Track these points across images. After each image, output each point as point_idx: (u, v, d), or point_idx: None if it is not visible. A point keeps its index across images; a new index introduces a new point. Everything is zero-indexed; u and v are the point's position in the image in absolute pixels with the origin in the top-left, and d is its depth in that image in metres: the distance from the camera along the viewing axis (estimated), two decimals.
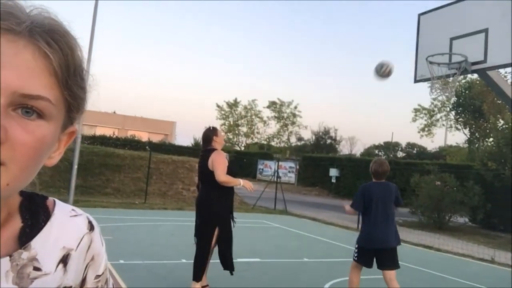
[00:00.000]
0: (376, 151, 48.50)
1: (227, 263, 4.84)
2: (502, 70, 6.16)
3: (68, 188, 12.44)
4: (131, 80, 74.30)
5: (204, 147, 4.87)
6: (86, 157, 14.61)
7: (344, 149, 46.61)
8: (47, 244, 0.61)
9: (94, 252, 0.69)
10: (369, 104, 73.71)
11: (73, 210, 0.69)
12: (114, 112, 44.29)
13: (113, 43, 69.23)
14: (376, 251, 4.64)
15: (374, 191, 4.69)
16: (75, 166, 12.26)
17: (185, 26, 74.54)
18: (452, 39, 5.74)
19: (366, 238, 4.68)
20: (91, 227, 0.69)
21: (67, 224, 0.66)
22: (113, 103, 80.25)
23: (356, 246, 4.81)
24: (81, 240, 0.66)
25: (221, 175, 4.58)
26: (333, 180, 26.96)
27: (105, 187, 14.92)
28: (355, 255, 4.80)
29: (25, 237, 0.60)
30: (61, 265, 0.62)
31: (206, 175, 4.70)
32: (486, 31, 5.33)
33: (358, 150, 49.57)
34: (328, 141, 44.19)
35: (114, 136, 30.30)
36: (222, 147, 4.91)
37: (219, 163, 4.62)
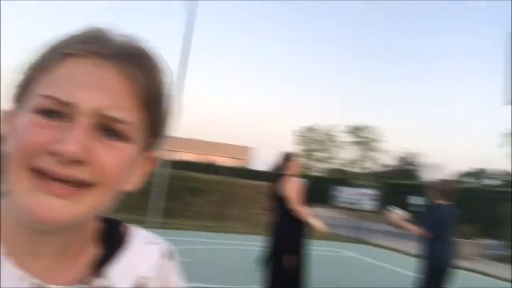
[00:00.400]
0: (465, 179, 45.06)
1: None
2: None
3: (151, 210, 13.11)
4: (211, 107, 77.41)
5: (278, 172, 4.87)
6: (168, 181, 15.36)
7: (429, 175, 43.91)
8: (123, 272, 0.60)
9: (170, 282, 0.66)
10: (455, 128, 69.13)
11: (149, 237, 0.67)
12: (195, 138, 46.33)
13: (200, 68, 72.94)
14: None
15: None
16: (158, 190, 12.94)
17: (256, 47, 76.55)
18: None
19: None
20: (168, 256, 0.67)
21: (143, 251, 0.64)
22: (193, 128, 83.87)
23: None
24: (157, 269, 0.64)
25: (294, 203, 4.56)
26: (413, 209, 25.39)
27: (185, 209, 15.51)
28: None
29: (101, 265, 0.59)
30: None
31: (278, 200, 4.70)
32: None
33: (445, 177, 46.28)
34: (412, 167, 41.99)
35: (195, 161, 31.63)
36: (296, 173, 4.88)
37: (292, 191, 4.59)
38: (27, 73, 0.55)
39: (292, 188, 4.61)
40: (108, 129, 0.52)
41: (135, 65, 0.54)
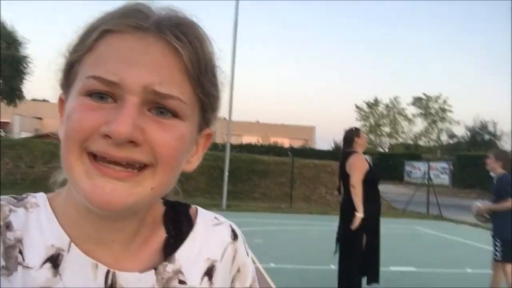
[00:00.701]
0: None
1: (372, 275, 4.54)
2: None
3: (220, 194, 13.44)
4: (271, 88, 77.49)
5: (344, 148, 4.63)
6: (235, 165, 15.62)
7: (506, 145, 40.84)
8: (191, 255, 0.59)
9: (239, 263, 0.64)
10: None
11: (215, 218, 0.65)
12: (257, 121, 46.69)
13: (250, 53, 73.23)
14: None
15: None
16: (226, 173, 13.19)
17: (318, 24, 74.87)
18: None
19: None
20: (235, 236, 0.65)
21: (210, 233, 0.62)
22: (256, 112, 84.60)
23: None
24: (225, 250, 0.62)
25: (356, 181, 4.32)
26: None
27: (253, 192, 15.73)
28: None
29: (169, 249, 0.58)
30: (206, 278, 0.59)
31: (345, 178, 4.50)
32: None
33: None
34: (487, 136, 39.25)
35: (259, 144, 31.93)
36: (364, 150, 4.65)
37: (356, 168, 4.36)
38: (69, 56, 0.53)
39: (355, 166, 4.38)
40: (159, 106, 0.49)
41: (180, 37, 0.51)
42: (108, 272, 0.53)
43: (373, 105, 47.30)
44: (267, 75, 77.58)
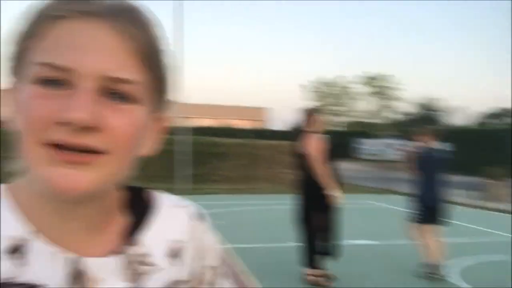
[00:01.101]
0: (491, 120, 44.03)
1: (334, 249, 4.67)
2: None
3: (179, 178, 13.28)
4: (223, 69, 76.88)
5: (303, 128, 4.64)
6: (194, 148, 15.47)
7: (456, 120, 42.94)
8: (157, 237, 0.59)
9: (205, 242, 0.65)
10: (478, 67, 67.02)
11: (176, 200, 0.66)
12: (211, 104, 46.23)
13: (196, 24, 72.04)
14: None
15: None
16: (183, 157, 13.03)
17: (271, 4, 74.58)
18: None
19: None
20: (199, 217, 0.66)
21: (174, 215, 0.63)
22: (208, 93, 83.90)
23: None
24: (190, 231, 0.63)
25: (317, 162, 4.38)
26: (446, 155, 25.06)
27: (213, 174, 15.68)
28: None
29: (133, 232, 0.58)
30: (173, 259, 0.60)
31: (302, 158, 4.53)
32: None
33: (469, 121, 45.48)
34: (436, 113, 41.15)
35: (214, 126, 31.75)
36: (319, 129, 4.66)
37: (314, 148, 4.41)
38: (18, 43, 0.52)
39: (315, 145, 4.43)
40: (113, 91, 0.49)
41: (131, 21, 0.51)
42: (74, 259, 0.53)
43: (324, 84, 48.16)
44: (219, 58, 76.73)
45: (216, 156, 16.36)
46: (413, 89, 77.75)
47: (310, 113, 4.66)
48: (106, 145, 0.49)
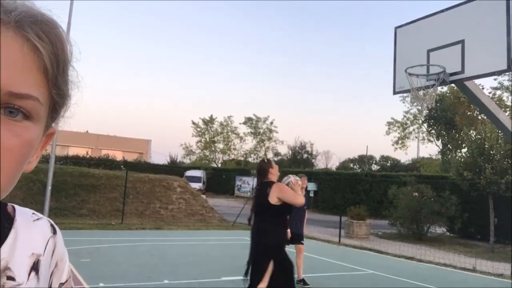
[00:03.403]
0: (351, 165, 49.08)
1: None
2: (477, 81, 6.32)
3: (41, 211, 11.96)
4: (104, 99, 73.30)
5: (260, 179, 4.77)
6: (59, 178, 14.14)
7: (320, 163, 46.99)
8: (15, 251, 0.56)
9: (58, 257, 0.63)
10: (344, 117, 74.94)
11: (33, 213, 0.63)
12: (87, 132, 43.41)
13: (84, 56, 68.30)
14: None
15: None
16: (49, 188, 11.84)
17: (157, 43, 74.46)
18: (429, 51, 5.86)
19: None
20: (54, 231, 0.64)
21: (31, 229, 0.60)
22: (85, 122, 78.77)
23: None
24: (46, 244, 0.61)
25: (298, 199, 4.54)
26: (311, 194, 27.02)
27: (80, 208, 14.43)
28: None
29: None
30: (33, 273, 0.57)
31: (266, 207, 4.56)
32: (462, 42, 5.45)
33: (333, 164, 50.07)
34: (305, 155, 44.45)
35: (88, 156, 29.65)
36: (276, 178, 4.81)
37: (287, 192, 4.55)
38: None
39: (286, 191, 4.56)
40: (11, 107, 0.46)
41: (41, 36, 0.48)
42: None
43: (209, 122, 48.93)
44: (100, 83, 73.09)
45: (84, 188, 15.16)
46: (286, 132, 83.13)
47: (268, 164, 4.81)
48: None
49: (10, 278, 0.54)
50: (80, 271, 6.53)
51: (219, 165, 47.32)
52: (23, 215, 0.61)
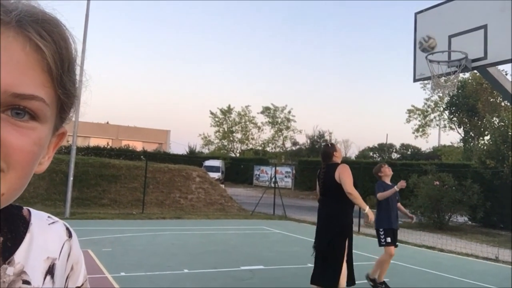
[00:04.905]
0: (371, 153, 48.56)
1: (351, 277, 4.79)
2: (501, 67, 6.16)
3: (64, 201, 12.25)
4: (124, 90, 74.16)
5: (325, 162, 5.03)
6: (81, 169, 14.43)
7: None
8: (31, 255, 0.57)
9: (73, 261, 0.64)
10: (363, 106, 74.00)
11: (49, 217, 0.64)
12: (107, 123, 44.05)
13: (104, 49, 69.14)
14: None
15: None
16: (71, 178, 12.08)
17: (175, 34, 74.65)
18: (450, 36, 5.70)
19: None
20: (69, 234, 0.64)
21: (47, 232, 0.61)
22: (106, 113, 79.99)
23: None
24: (62, 248, 0.61)
25: (351, 186, 4.68)
26: None
27: (101, 198, 14.73)
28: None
29: (7, 251, 0.54)
30: (48, 277, 0.58)
31: (334, 188, 4.76)
32: (485, 27, 5.29)
33: (352, 153, 49.61)
34: (323, 144, 44.14)
35: (109, 147, 30.10)
36: (341, 160, 5.07)
37: (347, 176, 4.72)
38: None
39: (346, 175, 4.74)
40: (16, 108, 0.46)
41: (43, 35, 0.47)
42: None
43: (227, 112, 49.00)
44: (120, 75, 73.93)
45: (105, 178, 15.44)
46: (304, 121, 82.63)
47: (332, 148, 5.07)
48: (4, 163, 0.45)
49: (26, 282, 0.54)
50: (102, 260, 6.68)
51: (237, 154, 47.47)
52: (38, 218, 0.62)
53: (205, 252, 7.99)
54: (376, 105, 74.43)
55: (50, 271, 0.58)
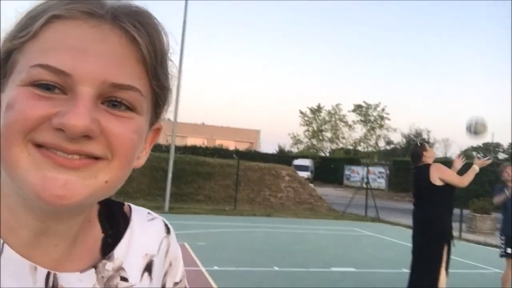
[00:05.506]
0: (474, 153, 44.65)
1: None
2: None
3: (163, 196, 13.13)
4: (218, 92, 77.25)
5: (415, 164, 4.70)
6: (179, 166, 15.34)
7: (438, 152, 43.64)
8: (130, 251, 0.57)
9: (172, 257, 0.63)
10: (465, 103, 68.37)
11: (149, 213, 0.64)
12: (203, 123, 46.29)
13: (196, 54, 72.62)
14: None
15: None
16: (170, 175, 12.91)
17: (267, 34, 75.84)
18: None
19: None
20: (168, 230, 0.64)
21: (146, 229, 0.61)
22: (201, 115, 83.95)
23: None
24: (160, 244, 0.61)
25: (459, 178, 4.46)
26: None
27: (197, 194, 15.53)
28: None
29: (107, 247, 0.56)
30: (146, 274, 0.58)
31: (427, 191, 4.50)
32: None
33: (453, 153, 46.08)
34: (412, 143, 41.66)
35: (204, 146, 31.64)
36: (433, 161, 4.69)
37: (447, 174, 4.45)
38: (7, 43, 0.47)
39: (446, 173, 4.47)
40: (112, 99, 0.46)
41: (137, 26, 0.47)
42: (48, 274, 0.49)
43: (316, 111, 48.58)
44: (214, 77, 77.25)
45: (200, 176, 16.24)
46: (399, 119, 78.75)
47: (421, 147, 4.72)
48: (103, 151, 0.45)
49: (123, 279, 0.55)
50: (197, 254, 7.02)
51: (327, 154, 46.81)
52: (138, 214, 0.62)
53: (295, 251, 8.01)
54: (482, 102, 68.26)
55: (148, 268, 0.58)
